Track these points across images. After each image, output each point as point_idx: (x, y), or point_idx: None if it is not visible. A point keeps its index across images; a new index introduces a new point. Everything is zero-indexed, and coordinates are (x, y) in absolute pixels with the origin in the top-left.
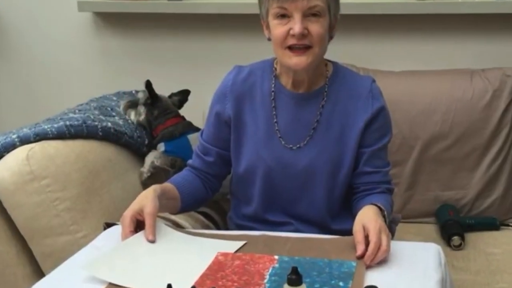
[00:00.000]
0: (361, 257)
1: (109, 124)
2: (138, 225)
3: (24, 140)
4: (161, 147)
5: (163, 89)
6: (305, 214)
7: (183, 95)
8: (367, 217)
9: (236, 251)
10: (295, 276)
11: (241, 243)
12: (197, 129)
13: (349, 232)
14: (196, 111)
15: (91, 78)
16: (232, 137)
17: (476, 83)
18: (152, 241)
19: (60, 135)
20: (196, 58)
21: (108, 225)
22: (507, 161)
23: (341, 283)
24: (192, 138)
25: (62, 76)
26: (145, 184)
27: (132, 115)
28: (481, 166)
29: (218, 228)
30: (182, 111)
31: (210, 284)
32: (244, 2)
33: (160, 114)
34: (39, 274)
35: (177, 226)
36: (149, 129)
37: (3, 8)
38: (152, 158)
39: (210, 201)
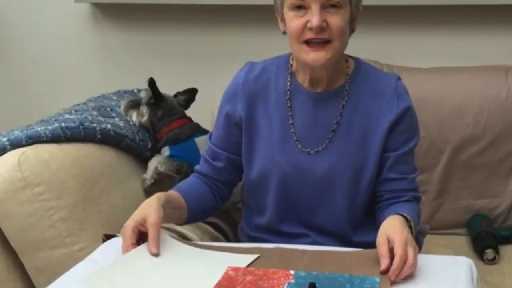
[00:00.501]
0: (386, 272)
1: (109, 126)
2: (141, 237)
3: (16, 144)
4: (166, 151)
5: (168, 88)
6: (324, 225)
7: (189, 94)
8: (392, 228)
9: (248, 266)
10: None
11: (253, 256)
12: (205, 132)
13: (372, 245)
14: (204, 112)
15: (88, 76)
16: (243, 140)
17: None
18: (156, 255)
19: (54, 138)
20: (204, 54)
21: (108, 237)
22: None
23: None
24: (199, 141)
25: (57, 74)
26: (148, 192)
27: (134, 116)
28: None
29: (228, 240)
30: (188, 112)
31: None
32: None
33: (165, 115)
34: None
35: (183, 238)
36: (152, 131)
37: None
38: (155, 163)
39: (219, 210)
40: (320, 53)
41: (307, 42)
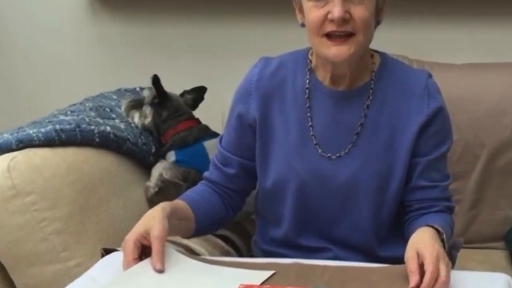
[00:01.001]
0: None
1: (108, 128)
2: (144, 251)
3: (5, 148)
4: (171, 156)
5: (174, 86)
6: (347, 238)
7: (198, 93)
8: (422, 242)
9: (263, 283)
10: None
11: (268, 273)
12: (215, 135)
13: (400, 260)
14: (214, 112)
15: (86, 73)
16: (257, 144)
17: None
18: (160, 271)
19: (48, 142)
20: (213, 48)
21: (107, 252)
22: None
23: None
24: (209, 145)
25: (51, 70)
26: (152, 201)
27: (136, 118)
28: None
29: (241, 255)
30: (196, 113)
31: None
32: None
33: (170, 116)
34: None
35: (191, 253)
36: (156, 134)
37: None
38: (160, 169)
39: (230, 222)
40: (343, 48)
41: (328, 36)
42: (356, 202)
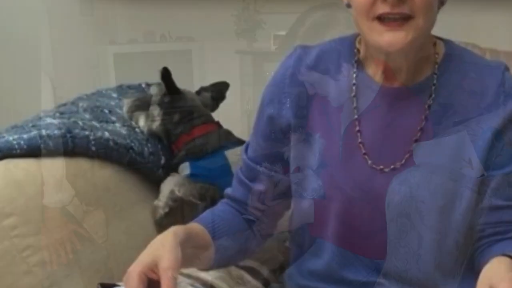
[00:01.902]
0: None
1: (107, 134)
2: (151, 287)
3: None
4: (185, 168)
5: (187, 82)
6: (403, 271)
7: (218, 90)
8: (497, 275)
9: None
10: None
11: None
12: (239, 142)
13: None
14: (237, 114)
15: (80, 65)
16: (292, 154)
17: None
18: None
19: (32, 151)
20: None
21: (105, 287)
22: None
23: None
24: (231, 155)
25: (35, 61)
26: (161, 225)
27: (142, 121)
28: None
29: None
30: (216, 115)
31: None
32: None
33: (184, 119)
34: None
35: None
36: (166, 141)
37: None
38: (171, 185)
39: (259, 250)
40: (398, 34)
41: (381, 19)
42: (414, 226)
